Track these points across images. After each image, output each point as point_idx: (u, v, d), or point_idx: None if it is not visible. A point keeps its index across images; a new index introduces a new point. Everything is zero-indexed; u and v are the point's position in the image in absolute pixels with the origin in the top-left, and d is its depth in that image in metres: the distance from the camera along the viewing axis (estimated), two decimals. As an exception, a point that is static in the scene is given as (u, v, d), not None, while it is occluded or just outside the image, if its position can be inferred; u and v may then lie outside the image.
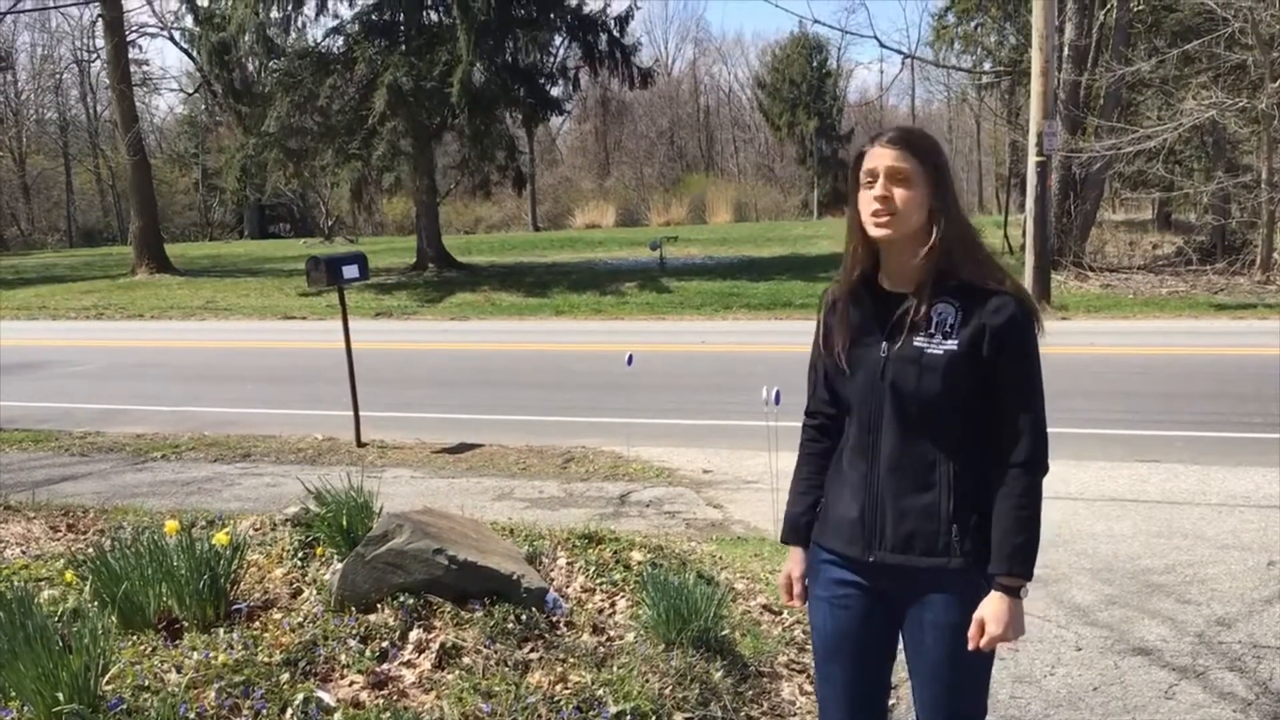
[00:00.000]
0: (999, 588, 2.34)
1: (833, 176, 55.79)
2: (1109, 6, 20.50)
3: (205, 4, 26.51)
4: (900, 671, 2.62)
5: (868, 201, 2.33)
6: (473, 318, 19.77)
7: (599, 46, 25.69)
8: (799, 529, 2.60)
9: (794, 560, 2.63)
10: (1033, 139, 16.66)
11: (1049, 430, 2.38)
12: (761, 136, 64.17)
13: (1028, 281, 16.65)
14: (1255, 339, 13.00)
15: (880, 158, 2.32)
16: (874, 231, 2.33)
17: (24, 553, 5.02)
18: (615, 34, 25.78)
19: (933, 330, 2.32)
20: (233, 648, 3.43)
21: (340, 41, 25.76)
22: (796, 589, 2.63)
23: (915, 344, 2.32)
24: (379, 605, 3.71)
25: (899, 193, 2.30)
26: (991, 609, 2.33)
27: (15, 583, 4.07)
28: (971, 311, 2.32)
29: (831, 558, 2.50)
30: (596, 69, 26.53)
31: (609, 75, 27.24)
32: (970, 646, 2.35)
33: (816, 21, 73.41)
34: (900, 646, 2.54)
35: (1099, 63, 20.45)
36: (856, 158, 2.40)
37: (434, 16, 25.65)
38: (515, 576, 3.87)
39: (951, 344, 2.31)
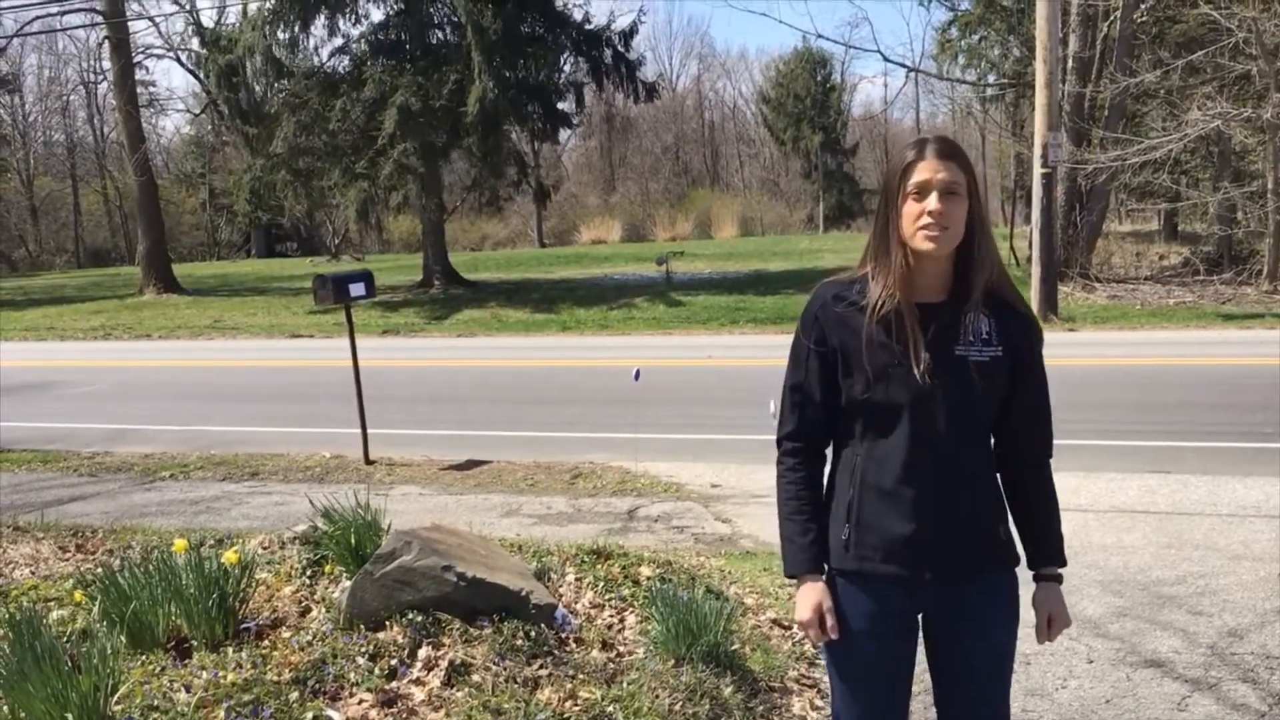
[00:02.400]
0: (1054, 579, 2.48)
1: (838, 190, 55.95)
2: (1112, 18, 20.51)
3: (212, 26, 26.68)
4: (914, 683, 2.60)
5: (917, 215, 2.26)
6: (480, 334, 19.80)
7: (604, 61, 25.83)
8: (818, 559, 2.43)
9: (820, 592, 2.42)
10: (1038, 151, 16.68)
11: (1058, 441, 2.43)
12: (766, 151, 64.29)
13: (1034, 293, 16.65)
14: (1263, 349, 12.96)
15: (932, 170, 2.26)
16: (924, 246, 2.26)
17: (33, 573, 5.03)
18: (620, 49, 25.93)
19: (971, 339, 2.31)
20: (242, 667, 3.43)
21: (346, 62, 25.93)
22: (830, 621, 2.40)
23: (957, 353, 2.30)
24: (388, 623, 3.70)
25: (951, 207, 2.25)
26: (1054, 602, 2.46)
27: (24, 603, 4.08)
28: (1003, 319, 2.35)
29: (869, 583, 2.39)
30: (603, 84, 26.67)
31: (615, 90, 27.39)
32: (1041, 641, 2.48)
33: (820, 36, 73.84)
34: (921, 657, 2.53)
35: (1103, 74, 20.46)
36: (902, 168, 2.29)
37: (440, 36, 25.80)
38: (524, 593, 3.87)
39: (995, 350, 2.32)
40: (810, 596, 2.42)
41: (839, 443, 2.46)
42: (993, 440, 2.43)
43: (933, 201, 2.24)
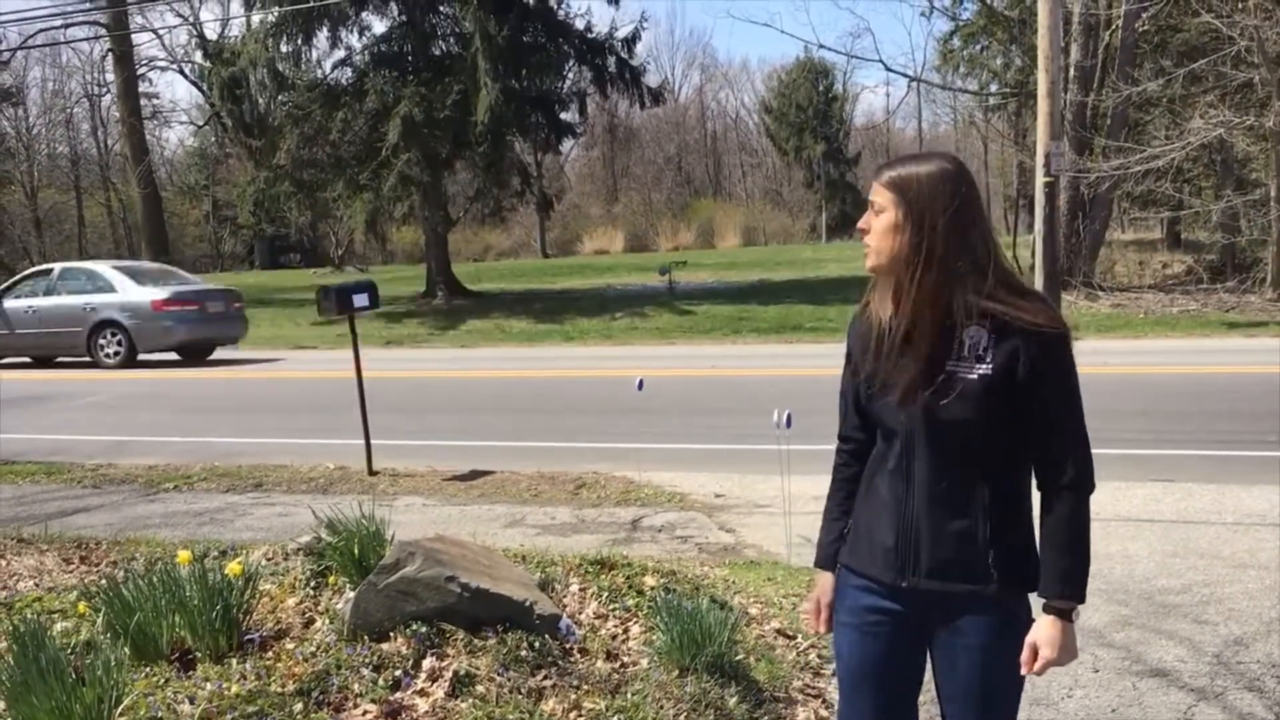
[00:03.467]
0: (1051, 611, 2.34)
1: (840, 200, 56.05)
2: (1114, 27, 20.56)
3: (215, 38, 26.77)
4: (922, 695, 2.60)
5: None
6: (483, 345, 19.82)
7: (608, 69, 25.92)
8: (831, 555, 2.57)
9: (824, 586, 2.59)
10: (1040, 160, 16.68)
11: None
12: (769, 161, 64.43)
13: (1038, 302, 16.61)
14: (1268, 357, 12.95)
15: (871, 188, 2.41)
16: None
17: (37, 585, 5.03)
18: (623, 56, 26.02)
19: (965, 354, 2.29)
20: (245, 678, 3.42)
21: (349, 73, 26.02)
22: (824, 614, 2.59)
23: (947, 368, 2.29)
24: (392, 634, 3.70)
25: (874, 225, 2.36)
26: (1044, 633, 2.33)
27: (28, 615, 4.07)
28: (1004, 334, 2.29)
29: (862, 583, 2.46)
30: (606, 92, 26.78)
31: (619, 96, 27.52)
32: (1024, 671, 2.35)
33: (822, 46, 74.01)
34: (928, 672, 2.52)
35: (1105, 83, 20.51)
36: None
37: (443, 47, 25.90)
38: (528, 603, 3.86)
39: (985, 367, 2.28)
40: (815, 588, 2.63)
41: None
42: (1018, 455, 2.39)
43: (863, 219, 2.41)
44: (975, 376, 2.28)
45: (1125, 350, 14.69)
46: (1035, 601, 2.37)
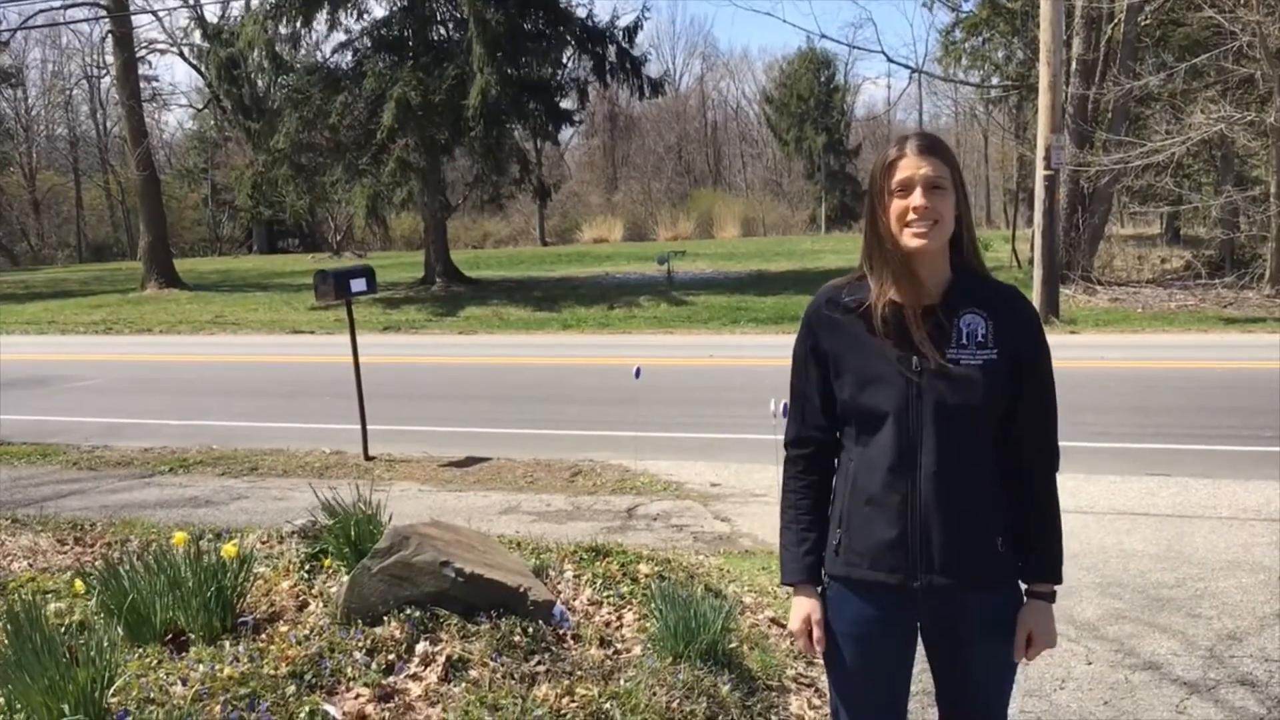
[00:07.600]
0: (1041, 597, 2.39)
1: (840, 191, 55.92)
2: (1116, 21, 20.50)
3: (214, 20, 26.67)
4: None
5: (904, 212, 2.24)
6: (481, 332, 19.79)
7: (609, 58, 25.83)
8: (812, 569, 2.44)
9: (811, 604, 2.44)
10: (1040, 153, 16.66)
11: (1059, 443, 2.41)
12: (769, 152, 64.24)
13: (1036, 295, 16.65)
14: (1265, 353, 12.95)
15: (915, 166, 2.24)
16: (913, 243, 2.23)
17: (31, 566, 5.03)
18: (624, 45, 25.92)
19: (965, 341, 2.27)
20: (239, 660, 3.42)
21: (349, 57, 25.94)
22: (817, 634, 2.42)
23: (950, 356, 2.26)
24: (385, 618, 3.69)
25: (937, 202, 2.23)
26: (1037, 621, 2.38)
27: (22, 595, 4.07)
28: (1000, 319, 2.29)
29: (862, 590, 2.37)
30: (606, 81, 26.68)
31: (620, 86, 27.42)
32: (1017, 658, 2.38)
33: (824, 36, 73.81)
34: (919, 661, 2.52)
35: (1107, 77, 20.45)
36: (885, 166, 2.27)
37: (443, 32, 25.82)
38: (522, 589, 3.86)
39: (989, 354, 2.27)
40: (801, 608, 2.45)
41: (840, 448, 2.44)
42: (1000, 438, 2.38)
43: (917, 197, 2.23)
44: (981, 363, 2.27)
45: (1122, 344, 14.68)
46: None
